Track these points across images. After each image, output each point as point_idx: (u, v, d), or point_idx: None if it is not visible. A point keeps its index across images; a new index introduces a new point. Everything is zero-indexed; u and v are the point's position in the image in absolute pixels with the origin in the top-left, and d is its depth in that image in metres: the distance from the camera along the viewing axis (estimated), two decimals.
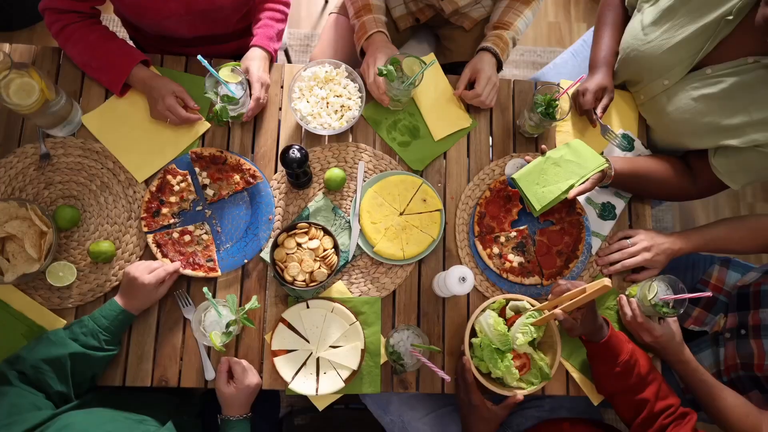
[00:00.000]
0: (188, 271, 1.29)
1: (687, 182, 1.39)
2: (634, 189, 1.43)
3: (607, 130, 1.44)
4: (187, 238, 1.32)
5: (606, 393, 1.25)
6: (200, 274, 1.30)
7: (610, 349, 1.18)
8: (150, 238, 1.31)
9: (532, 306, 1.27)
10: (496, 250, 1.39)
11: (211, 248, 1.32)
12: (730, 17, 1.15)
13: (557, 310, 1.16)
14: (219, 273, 1.31)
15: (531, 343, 1.24)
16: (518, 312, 1.28)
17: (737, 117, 1.22)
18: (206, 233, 1.34)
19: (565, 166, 1.34)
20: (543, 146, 1.36)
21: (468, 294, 1.38)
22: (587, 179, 1.31)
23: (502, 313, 1.29)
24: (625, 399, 1.20)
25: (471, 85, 1.43)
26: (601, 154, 1.43)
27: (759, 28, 1.06)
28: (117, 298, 1.21)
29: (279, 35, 1.47)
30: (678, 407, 1.18)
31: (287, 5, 1.51)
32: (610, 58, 1.47)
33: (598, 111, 1.41)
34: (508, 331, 1.23)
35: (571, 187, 1.32)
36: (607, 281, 1.04)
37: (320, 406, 1.31)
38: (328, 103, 1.39)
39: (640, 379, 1.18)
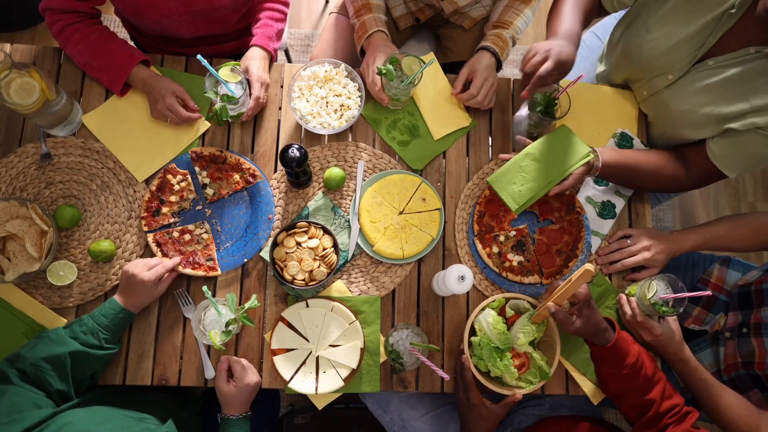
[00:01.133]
0: (188, 271, 1.29)
1: (679, 172, 1.37)
2: (624, 181, 1.41)
3: (532, 102, 1.31)
4: (187, 237, 1.32)
5: (611, 394, 1.23)
6: (200, 273, 1.30)
7: (617, 352, 1.16)
8: (150, 237, 1.31)
9: (532, 304, 1.27)
10: (495, 249, 1.39)
11: (210, 247, 1.33)
12: (733, 10, 1.15)
13: (549, 303, 1.16)
14: (219, 272, 1.32)
15: (530, 343, 1.24)
16: (518, 312, 1.29)
17: (738, 105, 1.21)
18: (206, 232, 1.34)
19: (545, 161, 1.33)
20: (518, 137, 1.35)
21: (467, 293, 1.39)
22: (570, 174, 1.31)
23: (501, 312, 1.29)
24: (631, 399, 1.18)
25: (470, 84, 1.43)
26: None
27: (760, 19, 1.06)
28: (116, 297, 1.22)
29: (279, 35, 1.48)
30: (682, 407, 1.16)
31: (286, 5, 1.51)
32: (576, 37, 1.26)
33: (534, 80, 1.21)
34: (508, 330, 1.23)
35: (552, 183, 1.32)
36: (589, 266, 1.05)
37: (319, 405, 1.31)
38: (327, 102, 1.39)
39: (647, 380, 1.16)
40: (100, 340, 1.16)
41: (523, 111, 1.36)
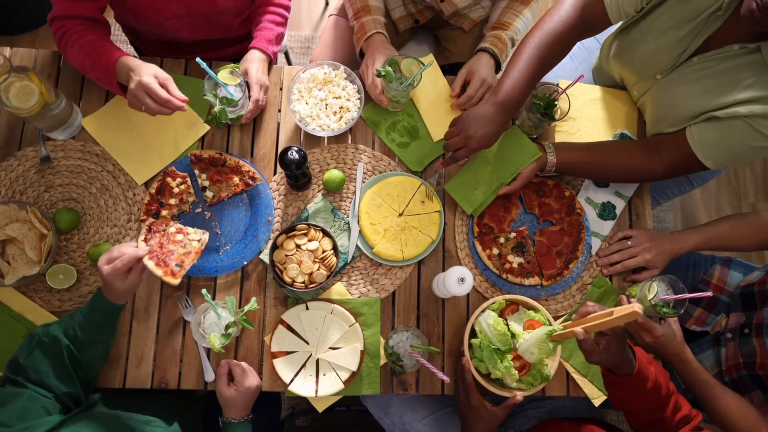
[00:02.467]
0: (150, 264, 1.13)
1: (647, 161, 1.34)
2: (588, 174, 1.41)
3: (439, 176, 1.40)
4: (179, 237, 1.22)
5: (622, 409, 1.19)
6: (158, 272, 1.13)
7: (638, 381, 1.10)
8: (146, 224, 1.24)
9: (533, 307, 1.26)
10: (495, 250, 1.38)
11: (190, 256, 1.18)
12: (720, 12, 1.16)
13: (577, 328, 1.08)
14: (176, 282, 1.13)
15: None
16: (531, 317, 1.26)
17: (721, 99, 1.21)
18: (199, 242, 1.22)
19: (495, 162, 1.36)
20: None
21: (468, 295, 1.38)
22: (520, 173, 1.34)
23: (502, 314, 1.29)
24: (644, 417, 1.15)
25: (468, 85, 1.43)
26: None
27: (744, 19, 1.07)
28: (102, 287, 1.15)
29: (278, 38, 1.47)
30: (690, 414, 1.14)
31: (287, 9, 1.51)
32: (513, 103, 1.25)
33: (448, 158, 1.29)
34: (523, 334, 1.22)
35: (503, 183, 1.35)
36: (637, 307, 0.97)
37: (320, 407, 1.31)
38: (326, 104, 1.39)
39: (662, 400, 1.12)
40: (89, 334, 1.12)
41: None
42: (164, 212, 1.33)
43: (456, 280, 1.18)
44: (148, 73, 1.18)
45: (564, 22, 1.26)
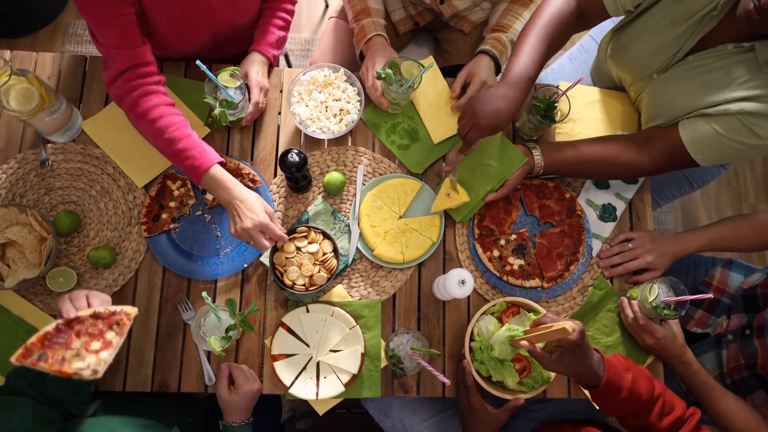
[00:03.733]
0: (49, 327, 0.89)
1: (636, 157, 1.33)
2: (578, 174, 1.41)
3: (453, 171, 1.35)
4: (95, 345, 0.89)
5: (609, 415, 1.20)
6: (32, 338, 0.87)
7: (609, 391, 1.10)
8: (118, 310, 0.92)
9: (534, 310, 1.26)
10: (496, 252, 1.38)
11: (56, 365, 0.85)
12: (715, 12, 1.17)
13: (523, 341, 1.11)
14: (12, 362, 0.84)
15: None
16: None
17: (713, 97, 1.21)
18: (82, 369, 0.84)
19: (482, 170, 1.37)
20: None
21: (468, 297, 1.38)
22: (506, 179, 1.35)
23: (503, 317, 1.29)
24: (630, 421, 1.15)
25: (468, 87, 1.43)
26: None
27: (740, 20, 1.08)
28: None
29: (279, 42, 1.47)
30: (683, 416, 1.14)
31: (291, 13, 1.50)
32: (525, 81, 1.22)
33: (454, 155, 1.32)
34: (498, 328, 1.23)
35: (491, 190, 1.36)
36: (568, 325, 0.99)
37: (320, 410, 1.31)
38: (327, 106, 1.39)
39: (643, 405, 1.12)
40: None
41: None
42: (164, 215, 1.33)
43: (456, 283, 1.18)
44: (261, 209, 1.18)
45: (562, 8, 1.28)
